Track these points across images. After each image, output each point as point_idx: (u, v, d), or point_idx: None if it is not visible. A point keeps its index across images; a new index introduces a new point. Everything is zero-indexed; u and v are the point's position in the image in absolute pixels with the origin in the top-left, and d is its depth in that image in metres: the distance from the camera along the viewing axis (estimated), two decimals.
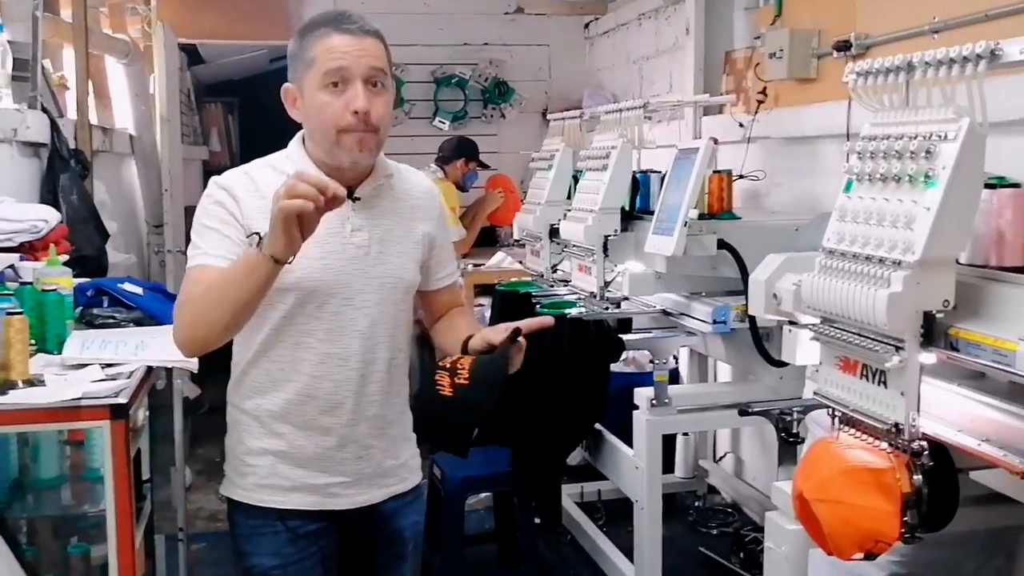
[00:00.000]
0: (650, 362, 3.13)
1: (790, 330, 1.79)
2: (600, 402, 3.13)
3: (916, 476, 1.41)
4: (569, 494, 3.76)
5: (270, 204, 1.63)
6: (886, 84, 1.49)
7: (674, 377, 3.94)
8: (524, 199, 3.94)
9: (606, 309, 2.99)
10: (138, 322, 2.46)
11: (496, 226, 5.56)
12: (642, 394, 2.94)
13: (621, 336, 3.03)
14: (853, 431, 1.52)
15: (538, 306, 3.11)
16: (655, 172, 3.18)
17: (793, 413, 1.79)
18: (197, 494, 3.94)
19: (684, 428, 3.55)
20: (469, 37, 6.04)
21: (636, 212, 3.11)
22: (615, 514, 3.68)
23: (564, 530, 3.69)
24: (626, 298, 3.02)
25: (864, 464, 1.44)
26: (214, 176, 1.74)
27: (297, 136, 1.77)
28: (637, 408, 2.95)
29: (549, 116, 3.89)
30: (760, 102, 3.71)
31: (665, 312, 3.00)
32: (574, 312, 2.97)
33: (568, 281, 3.33)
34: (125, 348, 2.17)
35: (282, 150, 1.78)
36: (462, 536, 3.25)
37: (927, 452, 1.41)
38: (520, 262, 4.26)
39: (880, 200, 1.44)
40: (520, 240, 3.87)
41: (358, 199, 1.72)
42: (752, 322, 2.68)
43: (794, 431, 1.81)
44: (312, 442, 1.74)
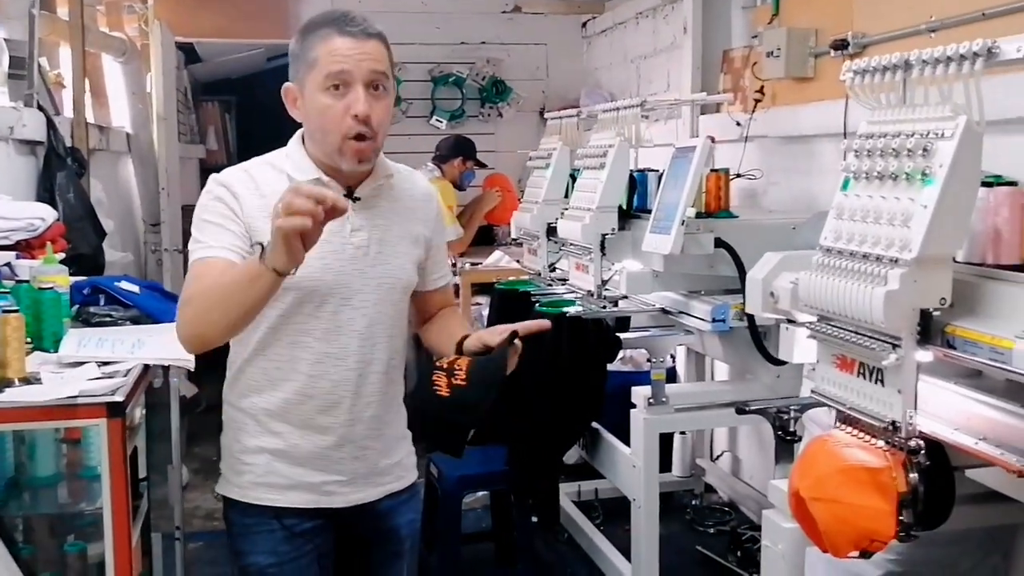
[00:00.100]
0: (648, 361, 3.13)
1: (787, 328, 1.79)
2: (597, 401, 3.13)
3: (912, 474, 1.41)
4: (566, 493, 3.76)
5: (270, 204, 1.63)
6: (883, 82, 1.49)
7: (671, 376, 3.93)
8: (521, 198, 3.94)
9: (604, 308, 2.99)
10: (135, 320, 2.46)
11: (494, 225, 5.56)
12: (639, 393, 2.94)
13: (619, 335, 3.03)
14: (850, 429, 1.52)
15: (536, 305, 3.11)
16: (652, 171, 3.18)
17: (790, 411, 1.79)
18: (194, 493, 3.94)
19: (681, 427, 3.55)
20: (466, 36, 6.04)
21: (633, 211, 3.11)
22: (612, 513, 3.68)
23: (561, 529, 3.69)
24: (624, 297, 3.02)
25: (861, 463, 1.44)
26: (214, 174, 1.73)
27: (297, 135, 1.77)
28: (634, 407, 2.96)
29: (546, 115, 3.89)
30: (757, 101, 3.71)
31: (663, 311, 3.01)
32: (572, 311, 2.97)
33: (566, 280, 3.33)
34: (122, 346, 2.17)
35: (281, 148, 1.77)
36: (459, 535, 3.25)
37: (924, 450, 1.41)
38: (518, 261, 4.27)
39: (877, 198, 1.44)
40: (517, 239, 3.87)
41: (358, 199, 1.72)
42: (751, 320, 2.68)
43: (791, 429, 1.80)
44: (309, 441, 1.74)
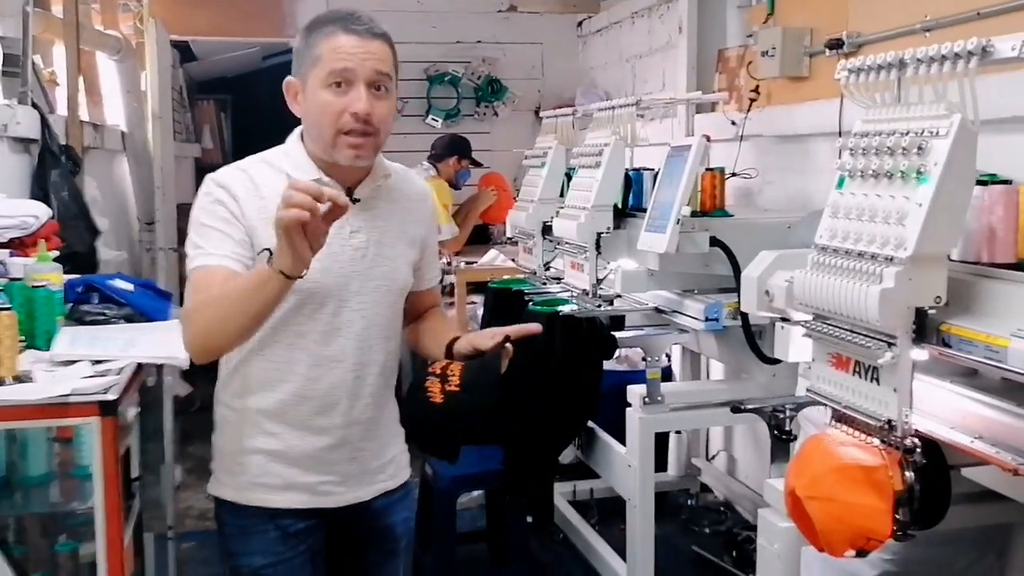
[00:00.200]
0: (643, 360, 3.12)
1: (782, 327, 1.79)
2: (593, 400, 3.12)
3: (908, 473, 1.41)
4: (561, 492, 3.76)
5: (269, 205, 1.62)
6: (878, 81, 1.49)
7: (667, 375, 3.93)
8: (517, 197, 3.94)
9: (599, 307, 2.99)
10: (128, 319, 2.45)
11: (489, 224, 5.56)
12: (635, 392, 2.94)
13: (614, 334, 3.03)
14: (846, 428, 1.52)
15: (531, 304, 3.10)
16: (648, 170, 3.18)
17: (786, 410, 1.79)
18: (187, 492, 3.92)
19: (677, 426, 3.55)
20: (462, 35, 6.04)
21: (629, 210, 3.10)
22: (608, 513, 3.67)
23: (556, 529, 3.69)
24: (619, 295, 3.02)
25: (856, 461, 1.44)
26: (211, 174, 1.71)
27: (296, 131, 1.75)
28: (630, 406, 2.95)
29: (542, 114, 3.88)
30: (752, 100, 3.71)
31: (658, 310, 3.00)
32: (567, 310, 2.96)
33: (561, 279, 3.33)
34: (115, 345, 2.16)
35: (279, 146, 1.75)
36: (454, 534, 3.25)
37: (919, 449, 1.41)
38: (513, 260, 4.26)
39: (872, 196, 1.44)
40: (513, 238, 3.87)
41: (358, 200, 1.70)
42: (745, 319, 2.68)
43: (787, 428, 1.80)
44: (306, 442, 1.73)
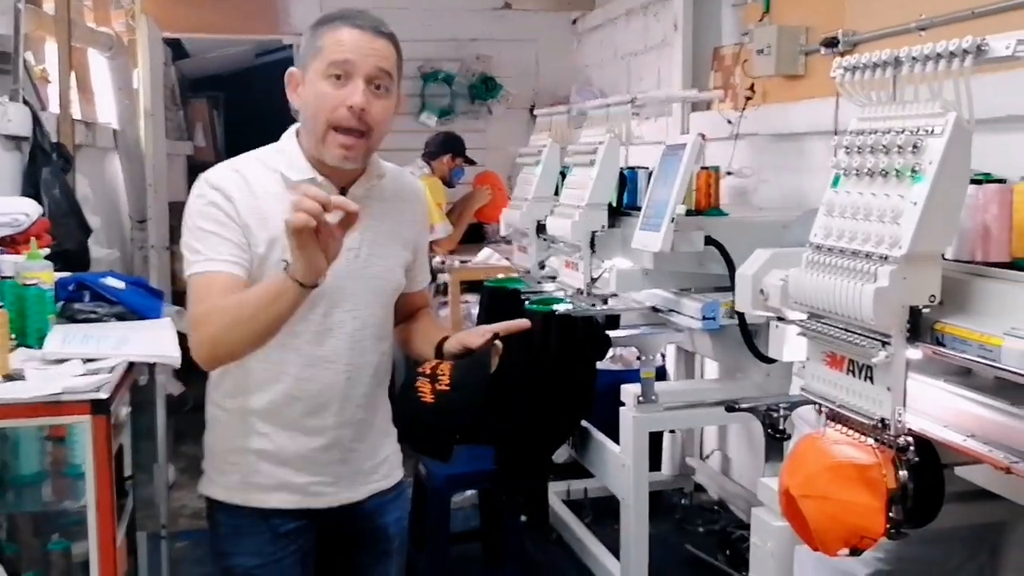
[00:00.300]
0: (637, 359, 3.12)
1: (777, 326, 1.79)
2: (587, 399, 3.12)
3: (902, 472, 1.41)
4: (556, 492, 3.76)
5: (263, 205, 1.62)
6: (873, 79, 1.49)
7: (661, 374, 3.94)
8: (511, 195, 3.93)
9: (593, 306, 2.99)
10: (120, 317, 2.43)
11: (483, 222, 5.55)
12: (629, 391, 2.94)
13: (608, 333, 3.03)
14: (840, 426, 1.52)
15: (526, 303, 3.10)
16: (643, 168, 3.18)
17: (780, 409, 1.79)
18: (181, 492, 3.91)
19: (671, 425, 3.55)
20: (456, 32, 6.02)
21: (623, 208, 3.10)
22: (602, 512, 3.67)
23: (550, 528, 3.69)
24: (613, 294, 3.02)
25: (850, 460, 1.44)
26: (203, 174, 1.69)
27: (291, 129, 1.74)
28: (624, 405, 2.95)
29: (536, 112, 3.88)
30: (748, 98, 3.71)
31: (653, 309, 3.00)
32: (561, 309, 2.96)
33: (555, 277, 3.32)
34: (107, 343, 2.14)
35: (272, 144, 1.74)
36: (447, 534, 3.24)
37: (913, 448, 1.41)
38: (507, 258, 4.26)
39: (867, 195, 1.44)
40: (507, 236, 3.86)
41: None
42: (741, 318, 2.68)
43: (781, 427, 1.80)
44: (296, 443, 1.73)
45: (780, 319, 1.73)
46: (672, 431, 3.91)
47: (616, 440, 3.03)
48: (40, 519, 2.32)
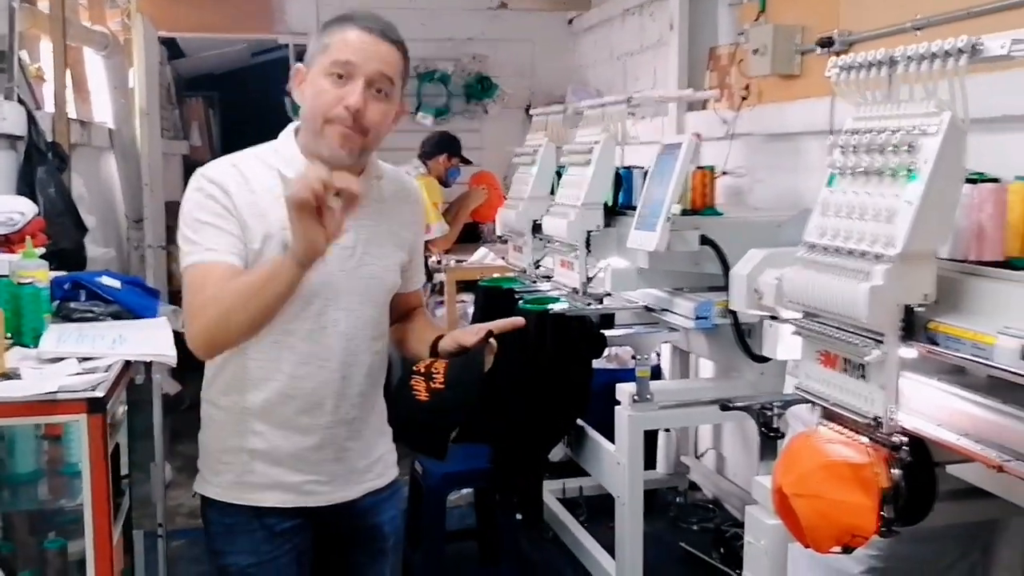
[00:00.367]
0: (632, 358, 3.12)
1: (771, 325, 1.80)
2: (582, 398, 3.13)
3: (895, 470, 1.42)
4: (551, 490, 3.76)
5: (260, 200, 1.62)
6: (868, 79, 1.50)
7: (656, 373, 3.93)
8: (507, 195, 3.94)
9: (588, 305, 2.99)
10: (116, 316, 2.43)
11: (479, 222, 5.55)
12: (624, 390, 2.94)
13: (603, 332, 3.03)
14: (833, 425, 1.53)
15: (520, 302, 3.11)
16: (638, 168, 3.18)
17: (774, 408, 1.79)
18: (177, 490, 3.91)
19: (666, 424, 3.56)
20: (452, 32, 6.02)
21: (619, 208, 3.11)
22: (597, 510, 3.68)
23: (546, 526, 3.69)
24: (608, 294, 3.02)
25: (843, 459, 1.45)
26: (200, 168, 1.69)
27: (289, 127, 1.74)
28: (619, 404, 2.95)
29: (532, 112, 3.88)
30: (744, 98, 3.72)
31: (647, 308, 3.01)
32: (556, 308, 2.97)
33: (551, 277, 3.33)
34: (102, 342, 2.14)
35: (271, 141, 1.74)
36: (443, 532, 3.24)
37: (906, 446, 1.42)
38: (503, 258, 4.26)
39: (862, 194, 1.45)
40: (503, 236, 3.86)
41: None
42: (735, 317, 2.68)
43: (775, 426, 1.81)
44: (290, 442, 1.72)
45: (774, 318, 1.74)
46: (667, 430, 3.92)
47: (611, 439, 3.03)
48: (36, 517, 2.32)
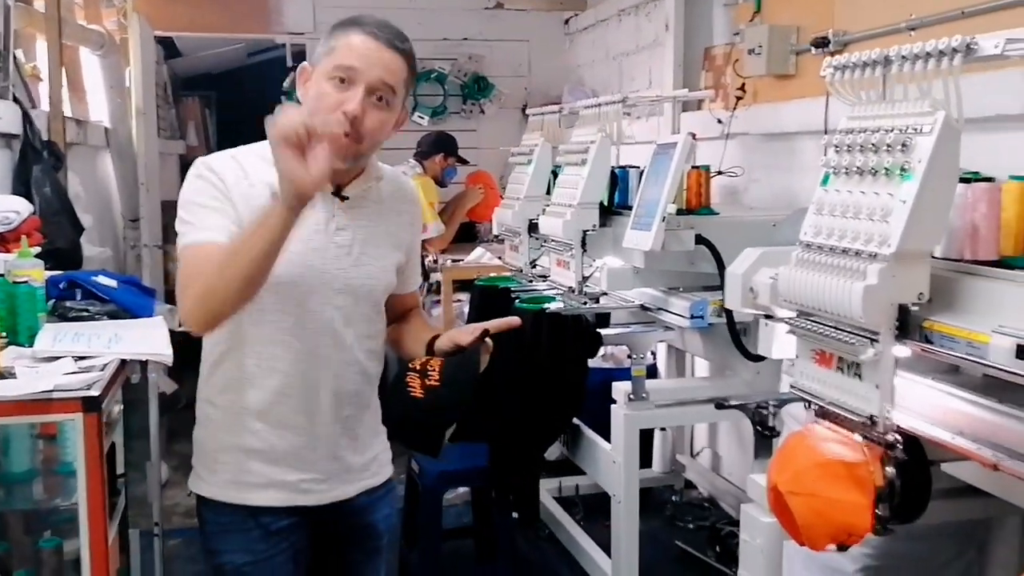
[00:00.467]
0: (628, 357, 3.13)
1: (766, 324, 1.80)
2: (578, 397, 3.13)
3: (889, 468, 1.42)
4: (547, 489, 3.76)
5: (258, 193, 1.62)
6: (863, 78, 1.50)
7: (651, 372, 3.95)
8: (503, 194, 3.94)
9: (584, 304, 2.99)
10: (112, 315, 2.43)
11: (475, 221, 5.56)
12: (620, 389, 2.95)
13: (599, 331, 3.03)
14: (828, 424, 1.53)
15: (517, 301, 3.11)
16: (634, 167, 3.19)
17: (769, 406, 1.80)
18: (174, 490, 3.91)
19: (661, 423, 3.56)
20: (448, 32, 6.02)
21: (614, 207, 3.11)
22: (593, 509, 3.68)
23: (542, 525, 3.70)
24: (604, 293, 3.03)
25: (838, 457, 1.45)
26: (201, 158, 1.70)
27: None
28: (615, 403, 2.96)
29: (528, 111, 3.88)
30: (739, 98, 3.73)
31: (643, 307, 3.01)
32: (552, 307, 2.97)
33: (547, 276, 3.33)
34: (98, 341, 2.14)
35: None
36: (439, 531, 3.25)
37: (901, 444, 1.42)
38: (499, 257, 4.27)
39: (857, 193, 1.45)
40: (499, 235, 3.86)
41: (347, 198, 1.71)
42: (729, 316, 2.69)
43: (770, 425, 1.81)
44: (286, 440, 1.72)
45: (769, 317, 1.74)
46: (663, 428, 3.92)
47: (607, 437, 3.04)
48: (31, 517, 2.31)
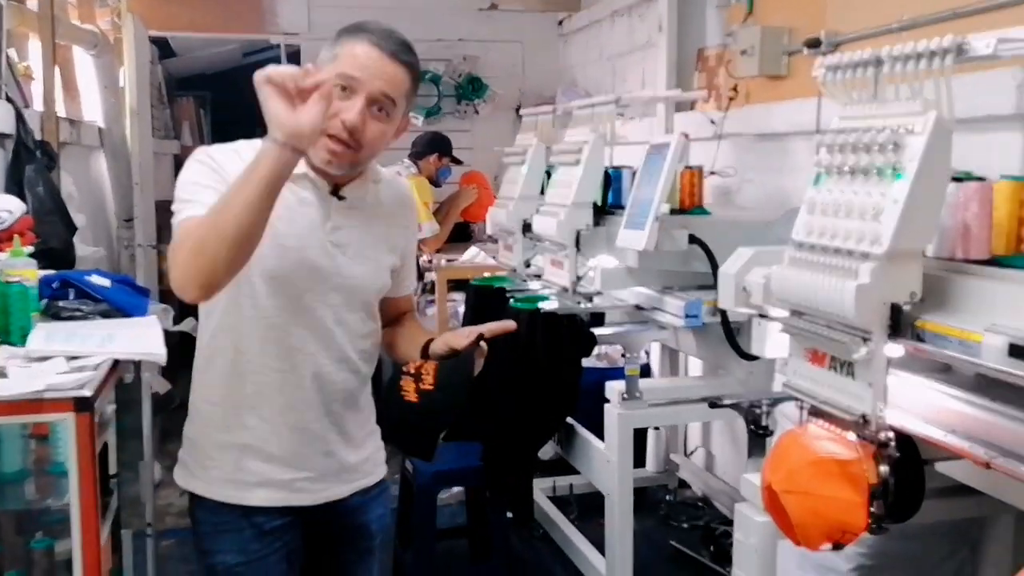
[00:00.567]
0: (622, 356, 3.14)
1: (760, 323, 1.80)
2: (572, 396, 3.14)
3: (883, 467, 1.43)
4: (541, 488, 3.77)
5: None
6: (855, 78, 1.50)
7: (645, 371, 3.95)
8: (497, 194, 3.94)
9: (578, 304, 3.00)
10: (105, 314, 2.42)
11: (470, 221, 5.56)
12: (614, 388, 2.95)
13: (593, 330, 3.04)
14: (821, 422, 1.53)
15: (511, 300, 3.11)
16: (627, 168, 3.19)
17: (763, 405, 1.81)
18: (167, 490, 3.88)
19: (655, 422, 3.57)
20: (443, 33, 6.02)
21: (608, 207, 3.12)
22: (587, 508, 3.69)
23: (536, 524, 3.70)
24: (598, 293, 3.03)
25: (831, 455, 1.45)
26: (202, 147, 1.71)
27: None
28: (608, 402, 2.96)
29: (522, 112, 3.89)
30: (731, 99, 3.73)
31: (637, 307, 3.01)
32: (547, 307, 2.97)
33: (541, 276, 3.33)
34: (91, 340, 2.13)
35: None
36: (434, 530, 3.25)
37: (894, 443, 1.43)
38: (493, 257, 4.27)
39: (848, 193, 1.46)
40: (493, 235, 3.87)
41: (344, 199, 1.71)
42: (724, 316, 2.69)
43: (764, 424, 1.82)
44: (279, 437, 1.72)
45: (763, 316, 1.75)
46: (656, 428, 3.93)
47: (601, 437, 3.04)
48: (23, 517, 2.30)
